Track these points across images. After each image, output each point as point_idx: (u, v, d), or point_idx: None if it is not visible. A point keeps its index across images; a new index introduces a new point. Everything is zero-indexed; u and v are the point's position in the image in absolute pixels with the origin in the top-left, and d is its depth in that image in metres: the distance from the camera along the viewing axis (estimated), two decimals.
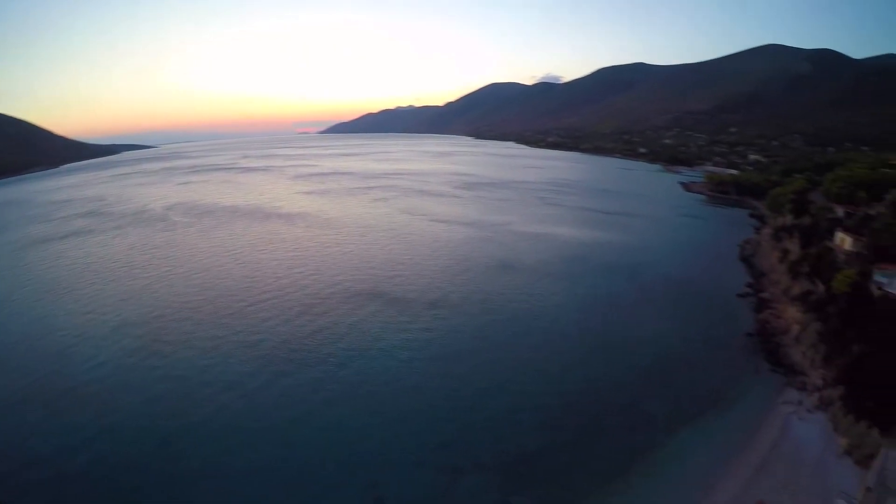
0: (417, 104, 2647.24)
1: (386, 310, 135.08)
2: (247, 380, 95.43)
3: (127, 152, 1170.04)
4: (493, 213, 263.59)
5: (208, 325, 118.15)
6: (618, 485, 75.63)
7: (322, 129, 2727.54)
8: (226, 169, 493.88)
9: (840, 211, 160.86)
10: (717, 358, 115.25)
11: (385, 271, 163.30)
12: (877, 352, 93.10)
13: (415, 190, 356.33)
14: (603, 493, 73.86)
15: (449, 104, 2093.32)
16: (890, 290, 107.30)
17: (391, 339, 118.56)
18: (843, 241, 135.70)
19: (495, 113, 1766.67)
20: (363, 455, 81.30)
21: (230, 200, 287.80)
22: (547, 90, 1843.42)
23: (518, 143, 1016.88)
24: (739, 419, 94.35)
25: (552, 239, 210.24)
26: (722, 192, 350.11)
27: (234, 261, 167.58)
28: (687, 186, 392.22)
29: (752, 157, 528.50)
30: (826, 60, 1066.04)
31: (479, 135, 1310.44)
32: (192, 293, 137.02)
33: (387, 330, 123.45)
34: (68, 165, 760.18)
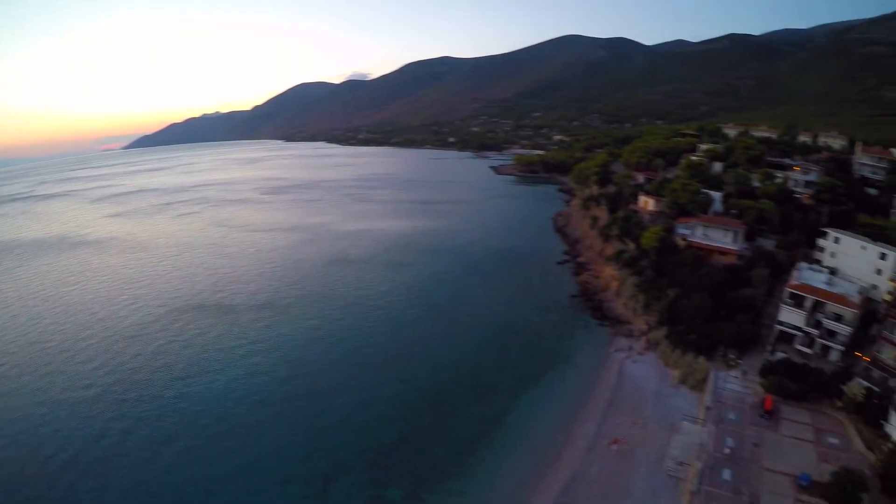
0: (224, 110, 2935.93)
1: (218, 326, 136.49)
2: (78, 434, 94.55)
3: None
4: (312, 215, 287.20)
5: (23, 388, 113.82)
6: (481, 453, 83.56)
7: (126, 143, 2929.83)
8: (22, 199, 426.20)
9: (640, 177, 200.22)
10: (547, 321, 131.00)
11: (210, 288, 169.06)
12: (688, 292, 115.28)
13: (227, 200, 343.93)
14: (468, 464, 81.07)
15: (257, 108, 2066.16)
16: (693, 239, 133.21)
17: (228, 359, 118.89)
18: (647, 203, 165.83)
19: (305, 114, 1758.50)
20: (223, 483, 79.41)
21: (31, 234, 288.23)
22: (356, 87, 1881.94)
23: (329, 142, 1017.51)
24: (579, 372, 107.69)
25: (374, 233, 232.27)
26: (531, 172, 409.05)
27: (44, 303, 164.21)
28: (497, 169, 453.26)
29: (557, 137, 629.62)
30: (620, 47, 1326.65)
31: (290, 137, 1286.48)
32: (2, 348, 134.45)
33: (222, 349, 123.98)
34: None
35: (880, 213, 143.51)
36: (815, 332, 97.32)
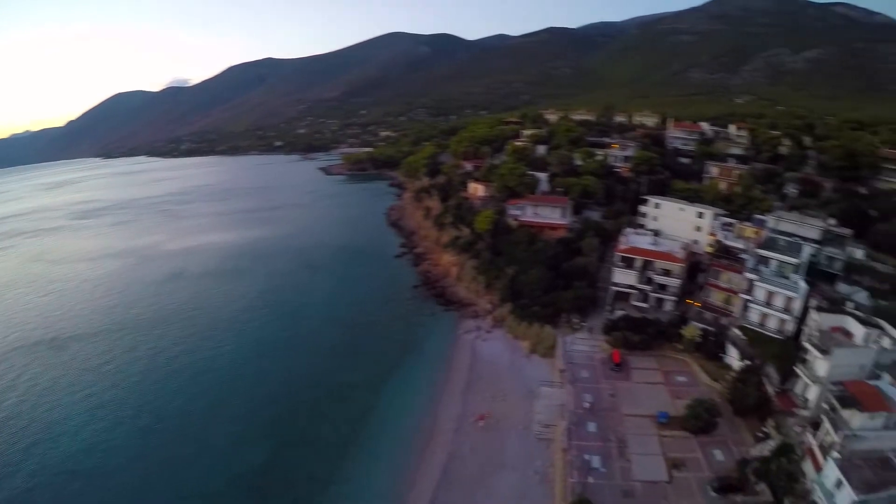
0: (35, 128, 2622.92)
1: (52, 370, 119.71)
2: None
3: None
4: (138, 237, 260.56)
5: None
6: (356, 455, 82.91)
7: None
8: None
9: (469, 166, 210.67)
10: (394, 314, 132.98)
11: (41, 329, 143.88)
12: (526, 268, 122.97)
13: (42, 230, 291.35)
14: (345, 469, 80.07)
15: (71, 123, 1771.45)
16: (524, 219, 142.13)
17: (65, 405, 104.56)
18: (477, 189, 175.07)
19: (124, 126, 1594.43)
20: None
21: None
22: (176, 94, 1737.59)
23: (150, 156, 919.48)
24: (433, 358, 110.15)
25: (207, 248, 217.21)
26: (360, 170, 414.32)
27: None
28: (327, 170, 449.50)
29: (384, 133, 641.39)
30: (444, 43, 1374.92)
31: (109, 154, 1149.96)
32: None
33: (57, 394, 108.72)
34: None
35: (694, 178, 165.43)
36: (647, 288, 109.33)
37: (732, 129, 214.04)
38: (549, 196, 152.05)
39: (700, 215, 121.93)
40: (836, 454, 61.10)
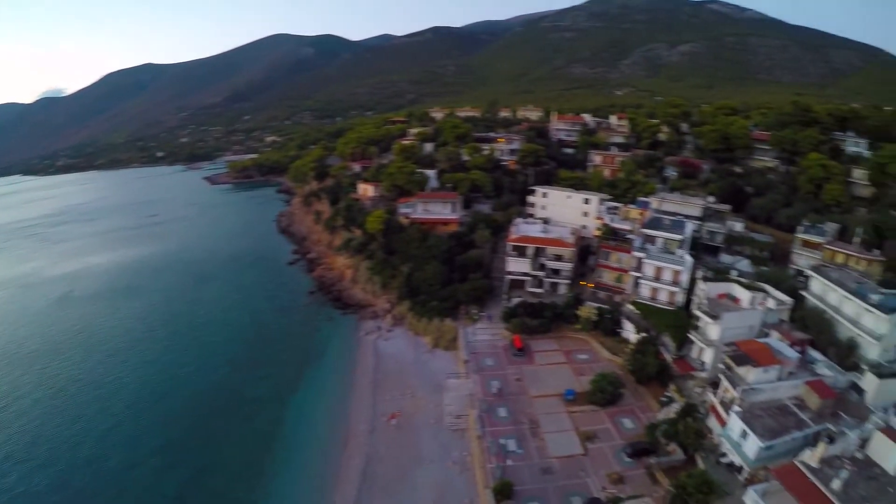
0: None
1: None
2: None
3: None
4: (15, 265, 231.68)
5: None
6: (272, 471, 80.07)
7: None
8: None
9: (357, 167, 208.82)
10: (292, 322, 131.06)
11: None
12: (421, 264, 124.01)
13: None
14: (262, 487, 76.87)
15: None
16: (415, 216, 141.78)
17: None
18: (366, 190, 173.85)
19: None
20: None
21: None
22: (50, 106, 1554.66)
23: (25, 174, 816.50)
24: (337, 362, 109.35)
25: (92, 269, 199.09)
26: (246, 177, 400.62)
27: None
28: (212, 180, 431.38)
29: (269, 138, 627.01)
30: (328, 44, 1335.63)
31: None
32: None
33: None
34: None
35: (579, 167, 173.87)
36: (541, 273, 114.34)
37: (613, 119, 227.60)
38: (439, 192, 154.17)
39: (586, 201, 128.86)
40: (737, 408, 67.22)
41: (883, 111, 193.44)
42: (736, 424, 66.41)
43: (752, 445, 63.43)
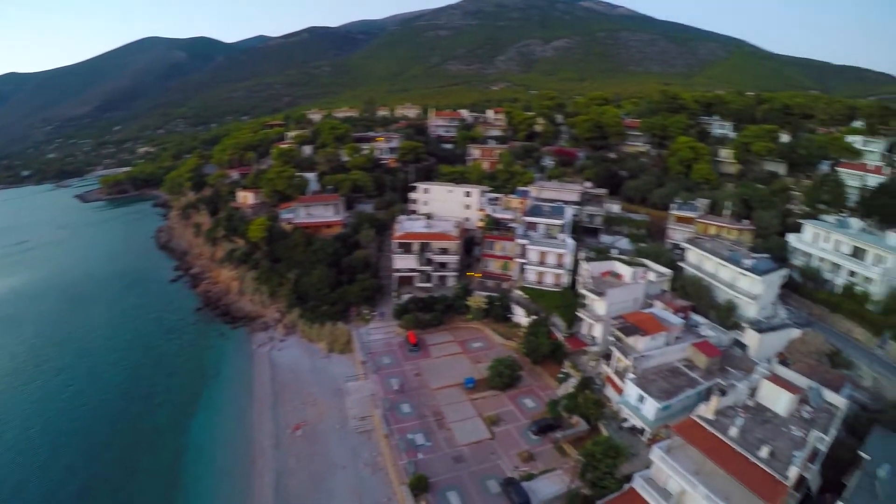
0: None
1: None
2: None
3: None
4: None
5: None
6: (180, 499, 76.76)
7: None
8: None
9: (235, 174, 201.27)
10: (182, 343, 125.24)
11: None
12: (308, 269, 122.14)
13: None
14: None
15: None
16: (298, 221, 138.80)
17: None
18: (246, 198, 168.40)
19: None
20: None
21: None
22: None
23: None
24: (233, 379, 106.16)
25: None
26: (120, 192, 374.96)
27: None
28: (84, 197, 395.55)
29: (142, 149, 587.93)
30: (201, 47, 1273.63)
31: None
32: None
33: None
34: None
35: (458, 161, 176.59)
36: (429, 268, 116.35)
37: (490, 113, 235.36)
38: (321, 195, 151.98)
39: (468, 194, 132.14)
40: (632, 375, 72.72)
41: (745, 96, 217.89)
42: (632, 390, 71.72)
43: (650, 408, 68.86)
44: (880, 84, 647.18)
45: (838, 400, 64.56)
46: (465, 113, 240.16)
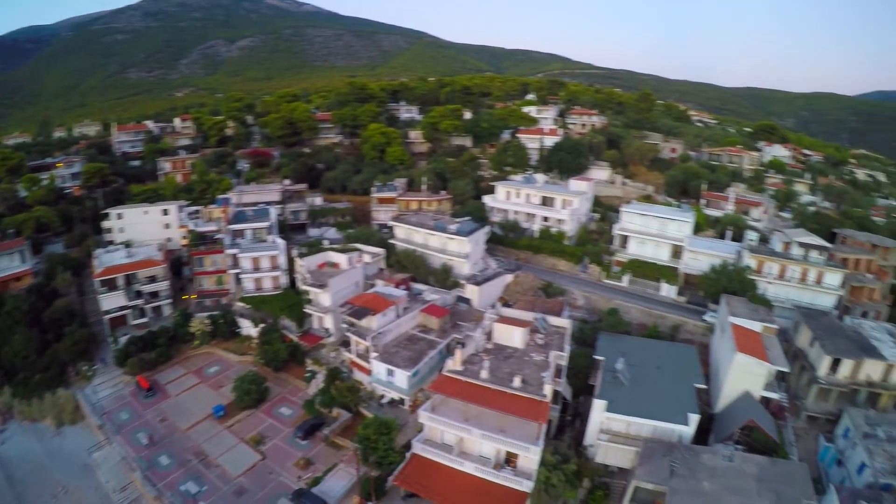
0: None
1: None
2: None
3: None
4: None
5: None
6: None
7: None
8: None
9: None
10: None
11: None
12: (5, 337, 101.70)
13: None
14: None
15: None
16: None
17: None
18: None
19: None
20: None
21: None
22: None
23: None
24: None
25: None
26: None
27: None
28: None
29: None
30: None
31: None
32: None
33: None
34: None
35: (150, 178, 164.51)
36: (140, 301, 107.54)
37: (178, 122, 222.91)
38: (2, 242, 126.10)
39: (165, 212, 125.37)
40: (375, 354, 77.80)
41: (427, 82, 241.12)
42: (380, 367, 77.30)
43: (402, 378, 75.32)
44: (547, 63, 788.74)
45: (562, 322, 79.29)
46: (150, 124, 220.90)
